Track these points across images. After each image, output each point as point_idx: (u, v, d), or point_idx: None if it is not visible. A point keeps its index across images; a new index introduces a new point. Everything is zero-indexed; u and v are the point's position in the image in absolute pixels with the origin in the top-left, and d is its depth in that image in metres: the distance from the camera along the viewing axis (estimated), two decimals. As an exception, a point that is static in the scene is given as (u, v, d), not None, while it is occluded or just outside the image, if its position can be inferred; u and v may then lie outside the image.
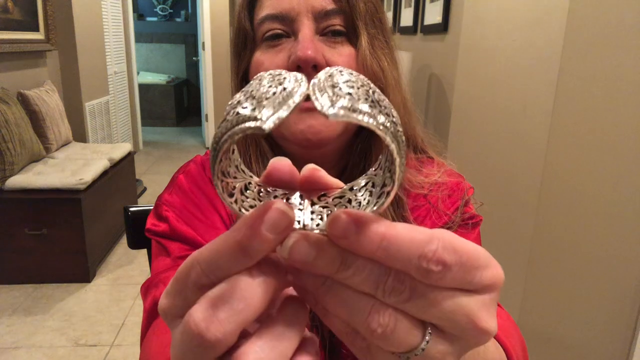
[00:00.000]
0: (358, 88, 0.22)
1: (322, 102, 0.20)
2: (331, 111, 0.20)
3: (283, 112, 0.20)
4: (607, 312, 1.16)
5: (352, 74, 0.23)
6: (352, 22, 0.53)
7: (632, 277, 1.10)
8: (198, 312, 0.21)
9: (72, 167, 2.63)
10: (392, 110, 0.22)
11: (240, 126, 0.20)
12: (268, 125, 0.20)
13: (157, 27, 7.32)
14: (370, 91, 0.22)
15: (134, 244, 0.82)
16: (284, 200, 0.26)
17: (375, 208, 0.24)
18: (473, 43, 1.81)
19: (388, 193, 0.23)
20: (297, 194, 0.26)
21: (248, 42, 0.56)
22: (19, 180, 2.39)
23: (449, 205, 0.60)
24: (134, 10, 6.23)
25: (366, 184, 0.26)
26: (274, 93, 0.21)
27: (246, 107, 0.21)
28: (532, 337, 1.36)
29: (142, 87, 6.10)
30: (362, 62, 0.53)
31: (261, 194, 0.26)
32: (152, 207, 0.81)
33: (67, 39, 3.37)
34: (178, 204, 0.58)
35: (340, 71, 0.23)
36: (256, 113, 0.20)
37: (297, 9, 0.51)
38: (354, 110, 0.20)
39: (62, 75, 3.44)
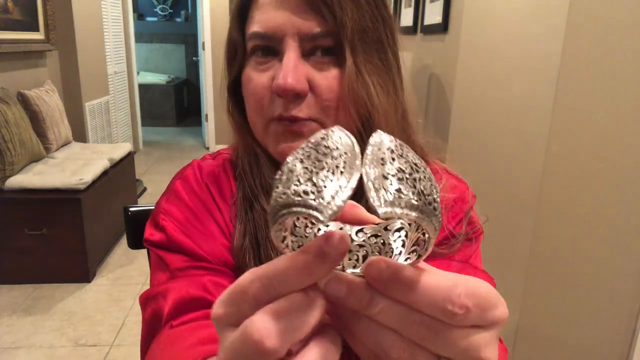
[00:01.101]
0: (407, 179, 0.25)
1: (373, 196, 0.23)
2: (382, 210, 0.23)
3: (339, 202, 0.23)
4: (607, 312, 1.16)
5: (401, 155, 0.26)
6: (340, 44, 0.50)
7: (632, 277, 1.09)
8: (260, 323, 0.23)
9: (72, 167, 2.63)
10: (434, 190, 0.26)
11: (303, 209, 0.23)
12: (327, 218, 0.23)
13: (157, 27, 7.32)
14: (418, 180, 0.25)
15: (134, 244, 0.82)
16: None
17: (405, 262, 0.27)
18: (473, 43, 1.81)
19: (419, 255, 0.27)
20: (338, 226, 0.30)
21: (238, 53, 0.55)
22: (19, 180, 2.39)
23: (450, 218, 0.59)
24: (134, 10, 6.23)
25: (399, 229, 0.29)
26: (332, 180, 0.24)
27: (308, 194, 0.24)
28: (532, 337, 1.36)
29: (142, 87, 6.10)
30: (346, 85, 0.50)
31: (307, 229, 0.30)
32: (152, 208, 0.82)
33: (67, 39, 3.37)
34: (175, 213, 0.57)
35: (391, 151, 0.26)
36: (317, 203, 0.23)
37: (284, 29, 0.49)
38: (401, 207, 0.23)
39: (62, 75, 3.44)
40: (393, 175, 0.24)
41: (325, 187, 0.24)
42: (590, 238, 1.20)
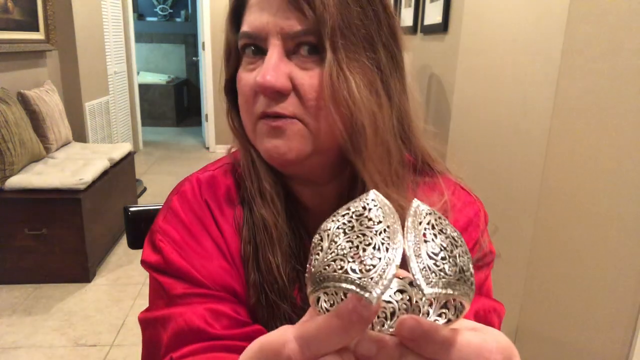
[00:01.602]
0: (449, 257, 0.26)
1: (419, 278, 0.25)
2: (428, 291, 0.24)
3: (386, 284, 0.24)
4: (607, 312, 1.16)
5: (442, 231, 0.27)
6: (321, 41, 0.49)
7: (632, 277, 1.09)
8: None
9: (72, 167, 2.63)
10: (471, 262, 0.27)
11: (351, 287, 0.24)
12: (375, 301, 0.24)
13: (157, 27, 7.32)
14: (458, 256, 0.26)
15: (134, 244, 0.82)
16: None
17: (434, 321, 0.29)
18: (473, 43, 1.81)
19: (449, 319, 0.29)
20: None
21: (232, 53, 0.55)
22: (19, 180, 2.39)
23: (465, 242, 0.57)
24: (134, 10, 6.23)
25: None
26: (379, 259, 0.25)
27: (356, 272, 0.25)
28: (532, 337, 1.36)
29: (142, 87, 6.10)
30: (325, 81, 0.48)
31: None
32: (152, 207, 0.82)
33: (67, 39, 3.37)
34: (172, 233, 0.56)
35: (432, 226, 0.27)
36: (365, 283, 0.24)
37: (267, 29, 0.49)
38: (446, 287, 0.25)
39: (62, 75, 3.44)
40: (436, 254, 0.26)
41: (373, 266, 0.24)
42: (590, 238, 1.20)
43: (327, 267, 0.25)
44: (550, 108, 1.27)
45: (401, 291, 0.30)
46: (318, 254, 0.27)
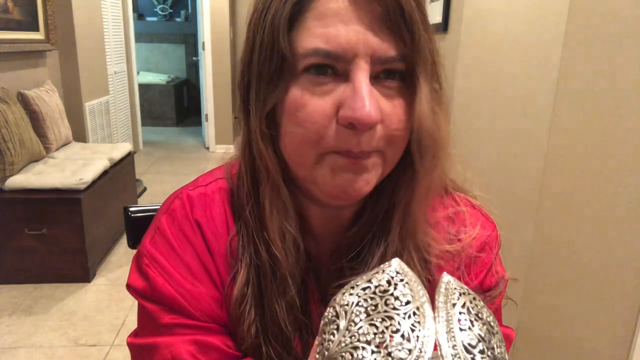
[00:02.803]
0: (487, 350, 0.23)
1: None
2: None
3: None
4: (607, 312, 1.16)
5: (477, 316, 0.24)
6: (413, 69, 0.43)
7: (632, 277, 1.09)
8: None
9: (72, 167, 2.63)
10: (505, 350, 0.24)
11: None
12: None
13: (157, 27, 7.32)
14: (496, 349, 0.23)
15: (134, 244, 0.82)
16: None
17: None
18: (473, 43, 1.81)
19: None
20: None
21: (285, 70, 0.43)
22: (19, 180, 2.39)
23: (476, 273, 0.55)
24: (134, 10, 6.23)
25: None
26: (409, 351, 0.22)
27: None
28: (532, 337, 1.36)
29: (142, 87, 6.11)
30: (418, 120, 0.43)
31: None
32: (152, 207, 0.82)
33: (67, 39, 3.37)
34: (160, 259, 0.51)
35: (468, 310, 0.23)
36: None
37: (355, 49, 0.41)
38: None
39: (62, 75, 3.44)
40: (474, 347, 0.22)
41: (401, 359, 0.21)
42: (590, 238, 1.20)
43: (344, 355, 0.22)
44: (550, 108, 1.27)
45: None
46: (333, 334, 0.23)
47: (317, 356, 0.24)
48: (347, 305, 0.23)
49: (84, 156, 2.90)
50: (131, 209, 0.82)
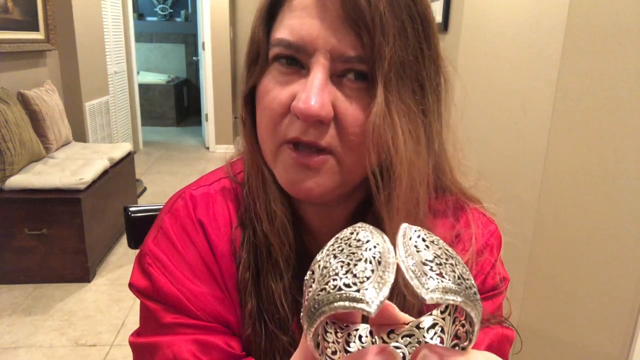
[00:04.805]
0: (445, 264, 0.24)
1: (417, 284, 0.23)
2: (427, 296, 0.23)
3: (384, 293, 0.23)
4: (607, 312, 1.16)
5: (433, 242, 0.26)
6: (374, 74, 0.43)
7: (632, 277, 1.09)
8: None
9: (72, 167, 2.63)
10: (470, 274, 0.26)
11: (345, 303, 0.23)
12: (374, 309, 0.22)
13: (157, 27, 7.32)
14: (455, 265, 0.25)
15: (134, 244, 0.82)
16: (356, 336, 0.30)
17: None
18: (473, 42, 1.81)
19: (463, 348, 0.27)
20: (367, 329, 0.30)
21: (260, 57, 0.47)
22: (19, 180, 2.39)
23: (477, 273, 0.55)
24: (134, 10, 6.23)
25: (433, 325, 0.29)
26: (372, 271, 0.24)
27: (350, 286, 0.23)
28: (532, 337, 1.36)
29: (142, 87, 6.10)
30: (371, 124, 0.42)
31: (338, 333, 0.30)
32: (152, 207, 0.82)
33: (67, 39, 3.37)
34: (162, 258, 0.52)
35: (422, 239, 0.26)
36: (361, 295, 0.23)
37: (316, 44, 0.42)
38: (446, 292, 0.23)
39: (62, 75, 3.44)
40: (431, 261, 0.24)
41: (367, 278, 0.23)
42: (590, 238, 1.20)
43: (319, 294, 0.24)
44: (550, 108, 1.27)
45: (408, 335, 0.29)
46: (311, 286, 0.25)
47: (302, 314, 0.26)
48: (318, 260, 0.26)
49: (84, 156, 2.90)
50: (131, 209, 0.82)
